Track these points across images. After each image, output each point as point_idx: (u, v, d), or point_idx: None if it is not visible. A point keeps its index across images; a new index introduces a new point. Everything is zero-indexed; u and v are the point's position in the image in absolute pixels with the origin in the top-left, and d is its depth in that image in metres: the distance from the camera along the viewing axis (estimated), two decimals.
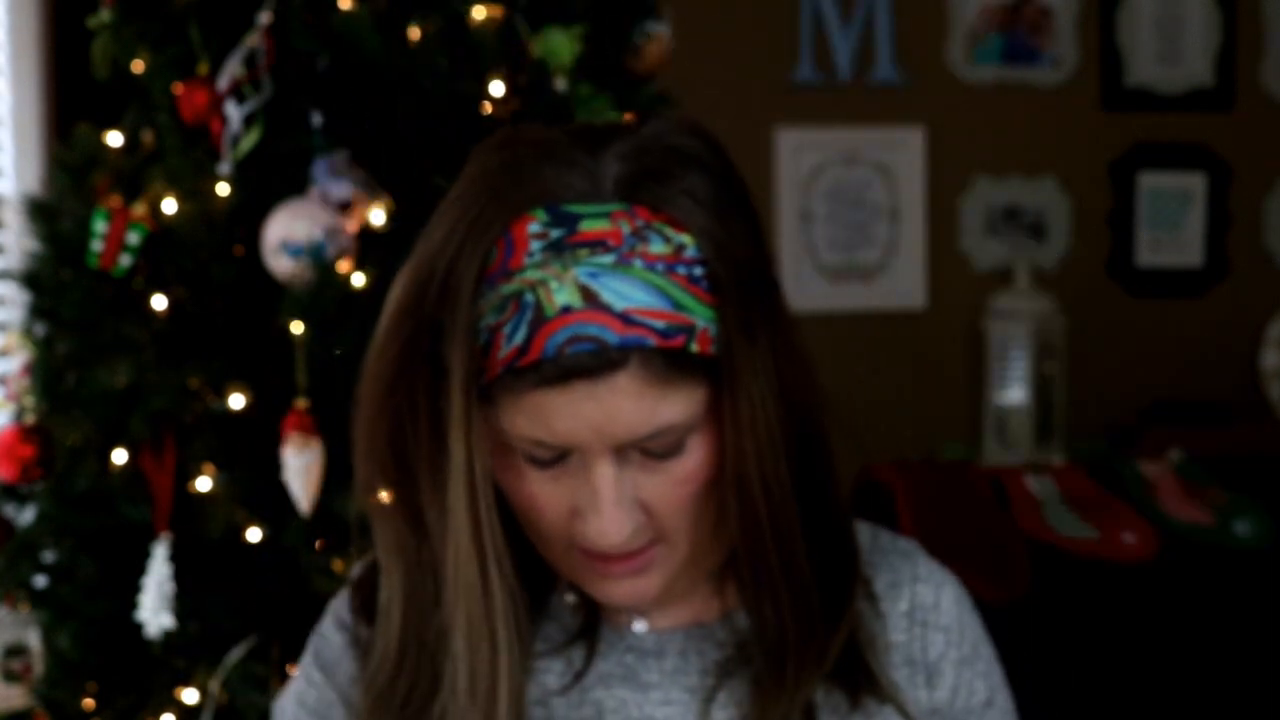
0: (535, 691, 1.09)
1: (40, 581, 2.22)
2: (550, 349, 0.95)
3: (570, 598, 1.12)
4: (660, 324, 0.96)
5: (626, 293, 0.95)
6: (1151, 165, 3.94)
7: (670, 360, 0.97)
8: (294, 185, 2.09)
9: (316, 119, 2.12)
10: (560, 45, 2.14)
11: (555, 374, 0.95)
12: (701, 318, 0.97)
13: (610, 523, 0.99)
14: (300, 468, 1.99)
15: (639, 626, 1.11)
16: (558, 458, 1.00)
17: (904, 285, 3.90)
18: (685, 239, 0.97)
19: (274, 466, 2.02)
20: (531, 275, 0.96)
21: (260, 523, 2.08)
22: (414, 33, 2.14)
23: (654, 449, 0.99)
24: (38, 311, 2.21)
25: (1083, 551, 3.29)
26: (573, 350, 0.95)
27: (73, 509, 2.15)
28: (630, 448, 0.99)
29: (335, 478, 2.00)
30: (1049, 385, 3.75)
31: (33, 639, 2.33)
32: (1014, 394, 3.74)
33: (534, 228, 0.97)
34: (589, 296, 0.95)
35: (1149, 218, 3.96)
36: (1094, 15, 3.91)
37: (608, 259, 0.96)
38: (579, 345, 0.95)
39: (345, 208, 2.07)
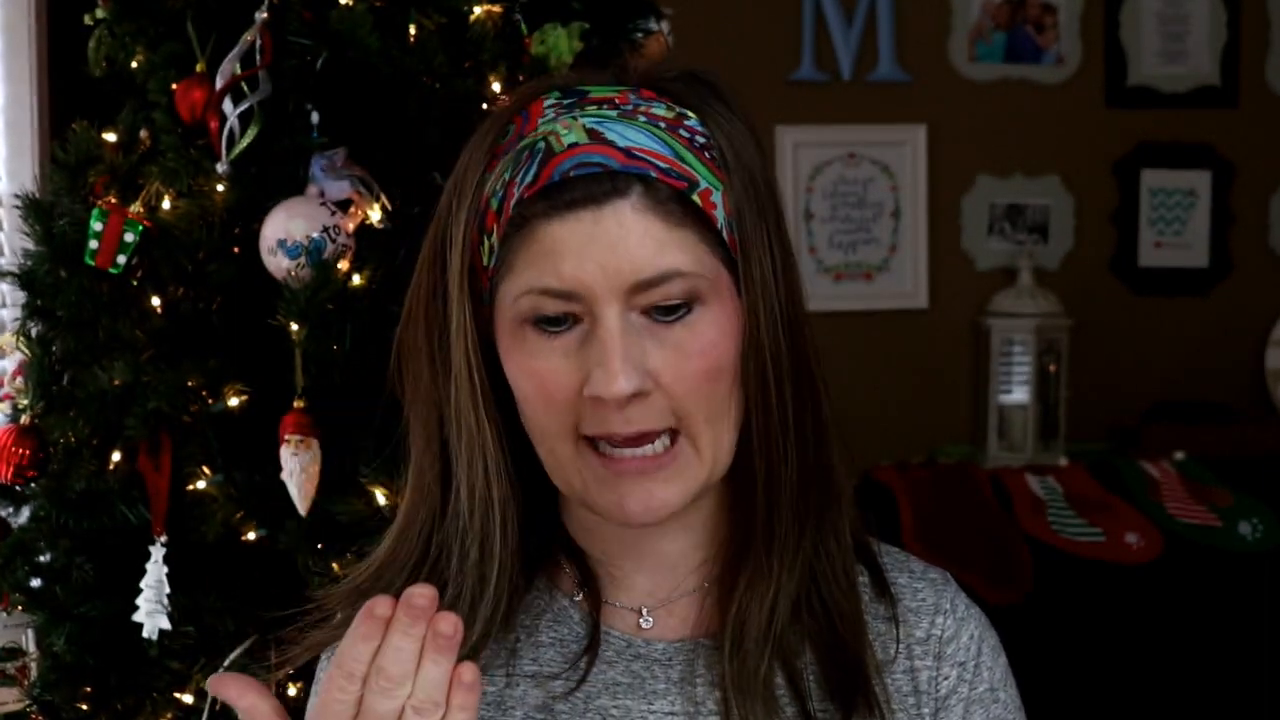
0: (540, 697, 1.08)
1: (36, 583, 2.20)
2: (556, 175, 0.99)
3: (579, 597, 1.11)
4: (662, 164, 1.00)
5: (631, 135, 1.01)
6: (1155, 163, 3.92)
7: (674, 198, 1.00)
8: (292, 183, 2.08)
9: (314, 117, 2.11)
10: (560, 43, 2.13)
11: (562, 201, 0.99)
12: (704, 178, 1.01)
13: (616, 365, 0.98)
14: (298, 468, 1.98)
15: (646, 621, 1.10)
16: (566, 318, 1.00)
17: (906, 284, 3.88)
18: (689, 113, 1.04)
19: (272, 467, 2.01)
20: (544, 129, 1.02)
21: (258, 524, 2.06)
22: (413, 30, 2.12)
23: (662, 305, 0.99)
24: (34, 311, 2.20)
25: (1086, 553, 3.28)
26: (577, 173, 0.99)
27: (69, 510, 2.14)
28: (637, 303, 0.99)
29: (333, 478, 1.98)
30: (1051, 385, 3.73)
31: (28, 641, 2.31)
32: (1016, 394, 3.72)
33: (548, 102, 1.04)
34: (594, 135, 1.00)
35: (1153, 216, 3.95)
36: (1097, 12, 3.90)
37: (613, 113, 1.02)
38: (583, 169, 0.99)
39: (343, 206, 2.06)
